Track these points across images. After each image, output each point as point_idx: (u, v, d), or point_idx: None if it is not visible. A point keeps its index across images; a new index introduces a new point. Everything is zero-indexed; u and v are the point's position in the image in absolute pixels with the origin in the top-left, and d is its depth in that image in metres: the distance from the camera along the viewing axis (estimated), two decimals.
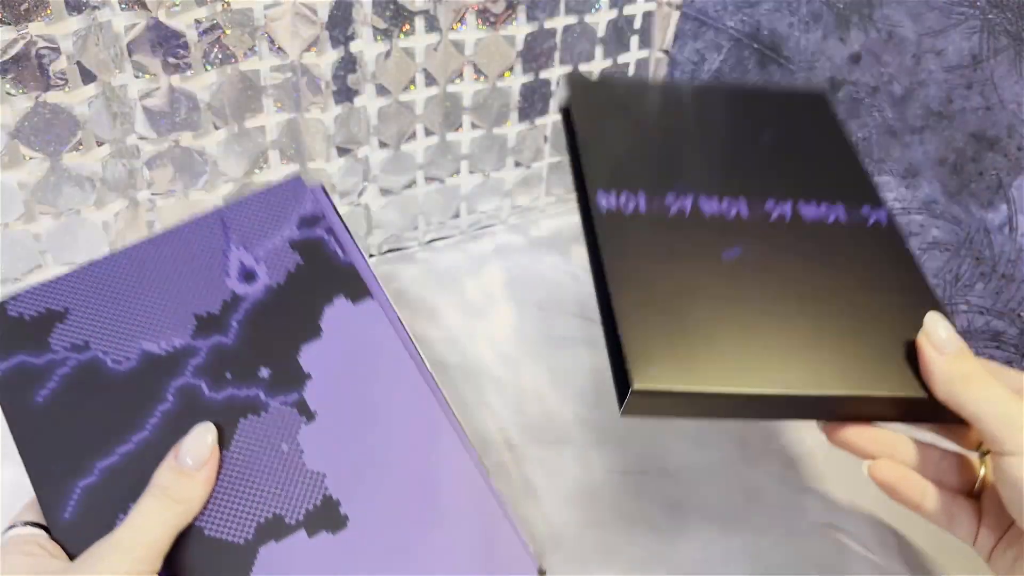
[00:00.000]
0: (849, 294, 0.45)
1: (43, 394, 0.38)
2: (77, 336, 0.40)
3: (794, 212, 0.49)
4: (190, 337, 0.40)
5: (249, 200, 0.44)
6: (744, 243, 0.46)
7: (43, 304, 0.40)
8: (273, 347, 0.40)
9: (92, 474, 0.37)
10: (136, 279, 0.41)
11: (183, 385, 0.39)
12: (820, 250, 0.47)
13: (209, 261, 0.42)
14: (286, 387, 0.39)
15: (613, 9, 0.77)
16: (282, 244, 0.43)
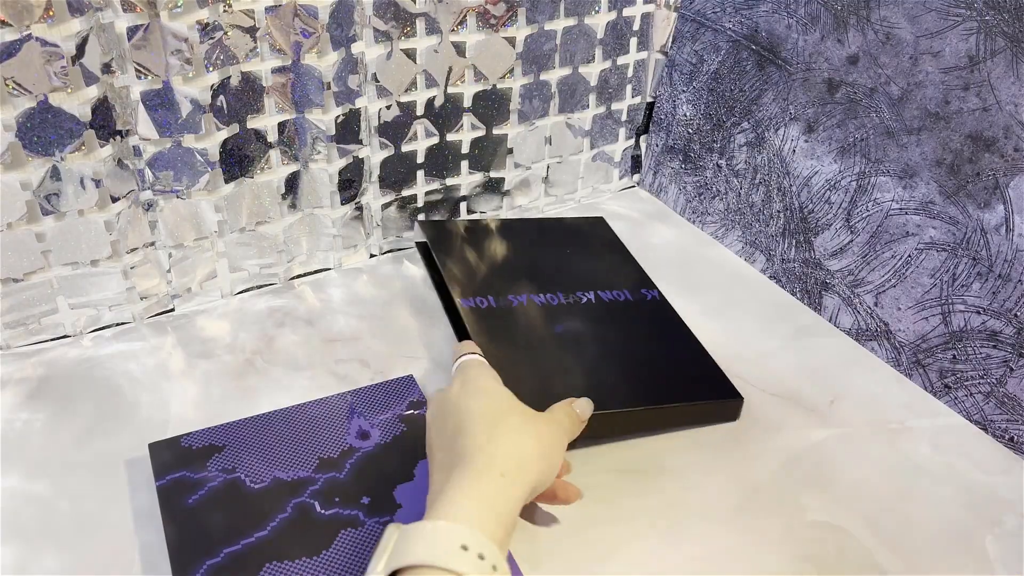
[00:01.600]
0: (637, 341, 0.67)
1: (193, 499, 0.51)
2: (228, 463, 0.53)
3: (596, 297, 0.71)
4: (312, 471, 0.53)
5: (372, 390, 0.61)
6: (566, 321, 0.68)
7: (208, 440, 0.55)
8: (375, 484, 0.53)
9: (218, 556, 0.47)
10: (281, 429, 0.56)
11: (301, 502, 0.51)
12: (616, 318, 0.69)
13: (336, 424, 0.57)
14: (381, 511, 0.51)
15: (612, 11, 0.77)
16: (393, 418, 0.58)
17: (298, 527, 0.49)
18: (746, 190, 0.79)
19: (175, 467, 0.52)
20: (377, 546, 0.40)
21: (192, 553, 0.48)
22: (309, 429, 0.56)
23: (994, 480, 0.59)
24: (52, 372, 0.63)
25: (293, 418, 0.57)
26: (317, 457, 0.54)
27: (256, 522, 0.49)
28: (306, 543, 0.49)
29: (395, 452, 0.55)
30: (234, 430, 0.55)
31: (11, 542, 0.51)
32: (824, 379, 0.67)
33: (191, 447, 0.54)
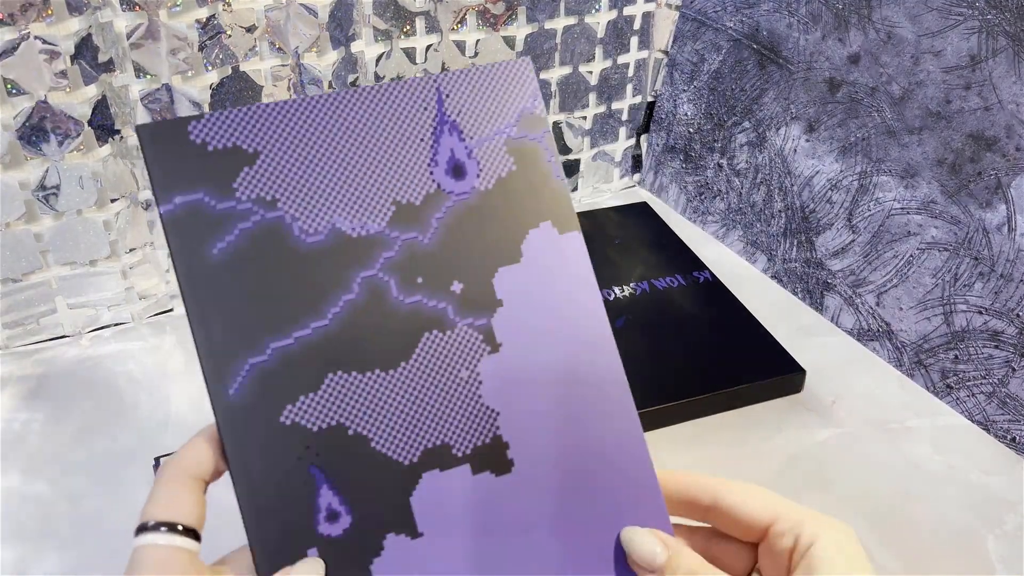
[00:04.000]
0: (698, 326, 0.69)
1: (220, 247, 0.33)
2: (265, 189, 0.34)
3: (651, 287, 0.73)
4: (386, 225, 0.36)
5: (470, 73, 0.38)
6: (625, 314, 0.69)
7: (232, 137, 0.34)
8: (470, 262, 0.36)
9: (264, 353, 0.33)
10: (337, 137, 0.36)
11: (372, 278, 0.35)
12: (673, 305, 0.71)
13: (419, 139, 0.37)
14: (476, 310, 0.36)
15: (613, 10, 0.77)
16: (499, 142, 0.38)
17: (369, 320, 0.35)
18: (747, 190, 0.79)
19: (188, 180, 0.34)
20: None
21: (227, 341, 0.33)
22: (378, 139, 0.36)
23: (996, 481, 0.59)
24: (51, 372, 0.63)
25: (354, 114, 0.36)
26: (392, 200, 0.36)
27: (313, 303, 0.34)
28: (380, 348, 0.35)
29: (498, 208, 0.37)
30: (269, 124, 0.35)
31: (10, 542, 0.51)
32: (825, 379, 0.67)
33: (207, 145, 0.34)
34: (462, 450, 0.35)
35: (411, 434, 0.34)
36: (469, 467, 0.35)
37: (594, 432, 0.36)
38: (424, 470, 0.34)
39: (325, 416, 0.34)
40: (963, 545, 0.54)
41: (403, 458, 0.34)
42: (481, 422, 0.35)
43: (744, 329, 0.69)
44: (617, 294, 0.72)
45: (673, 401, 0.61)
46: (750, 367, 0.65)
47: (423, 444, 0.34)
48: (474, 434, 0.35)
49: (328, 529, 0.33)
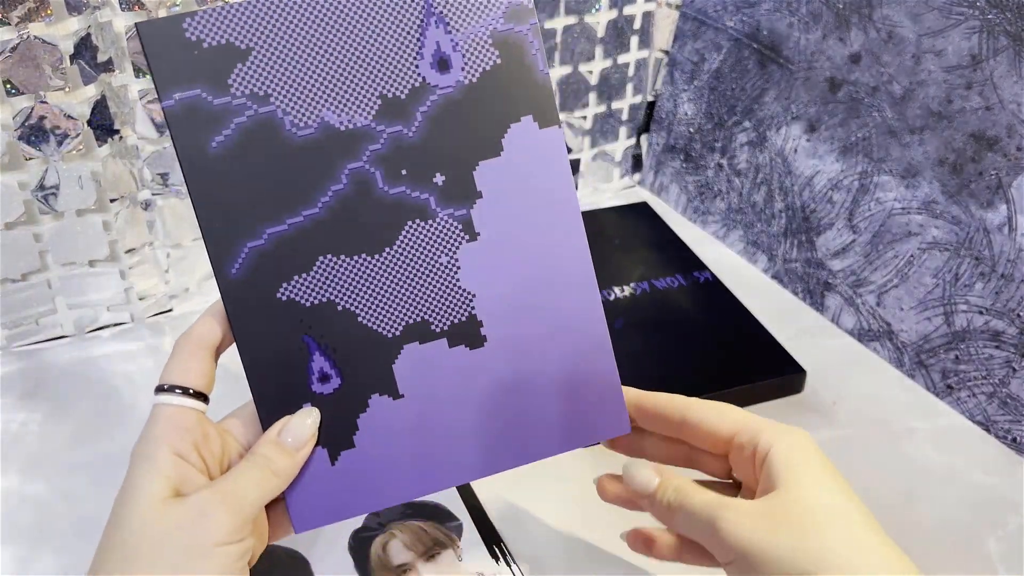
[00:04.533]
0: (698, 326, 0.69)
1: (218, 140, 0.36)
2: (258, 85, 0.37)
3: (651, 287, 0.72)
4: (372, 118, 0.38)
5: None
6: (624, 315, 0.68)
7: (225, 34, 0.36)
8: (452, 154, 0.39)
9: (260, 238, 0.37)
10: (326, 29, 0.37)
11: (359, 169, 0.38)
12: (673, 305, 0.71)
13: (406, 32, 0.38)
14: (457, 201, 0.39)
15: (613, 9, 0.77)
16: (484, 35, 0.39)
17: (356, 208, 0.38)
18: (748, 190, 0.79)
19: (186, 76, 0.36)
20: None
21: (227, 228, 0.37)
22: (366, 30, 0.38)
23: (997, 481, 0.59)
24: (50, 372, 0.63)
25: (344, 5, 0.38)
26: (379, 94, 0.38)
27: (304, 193, 0.37)
28: (365, 234, 0.38)
29: (481, 101, 0.39)
30: (260, 20, 0.37)
31: (8, 542, 0.51)
32: (826, 380, 0.67)
33: (202, 42, 0.36)
34: (440, 326, 0.39)
35: (394, 311, 0.39)
36: (446, 341, 0.39)
37: (561, 317, 0.40)
38: (405, 342, 0.39)
39: (316, 293, 0.38)
40: (964, 546, 0.54)
41: (387, 331, 0.38)
42: (458, 303, 0.39)
43: (745, 329, 0.69)
44: (617, 294, 0.72)
45: None
46: (751, 368, 0.65)
47: (405, 320, 0.39)
48: (451, 312, 0.39)
49: (320, 388, 0.38)
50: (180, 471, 0.35)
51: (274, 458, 0.37)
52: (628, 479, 0.41)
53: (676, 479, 0.39)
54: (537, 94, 0.40)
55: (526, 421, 0.40)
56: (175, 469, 0.35)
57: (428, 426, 0.39)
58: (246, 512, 0.35)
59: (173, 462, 0.35)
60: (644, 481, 0.40)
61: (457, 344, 0.39)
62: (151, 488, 0.35)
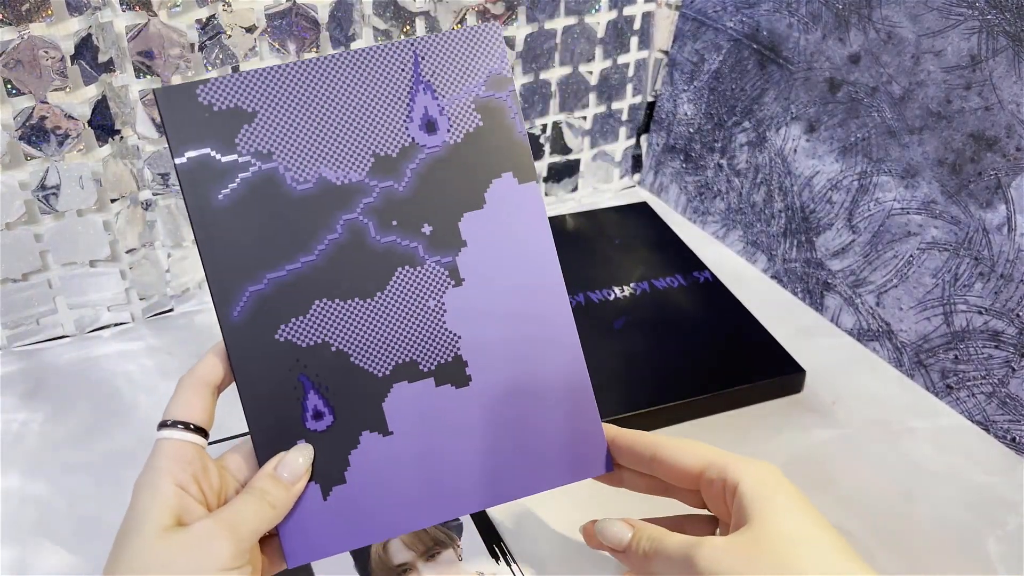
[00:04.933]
0: (697, 326, 0.69)
1: (224, 194, 0.40)
2: (262, 144, 0.40)
3: (651, 287, 0.72)
4: (366, 174, 0.41)
5: (444, 38, 0.43)
6: (624, 315, 0.68)
7: (234, 99, 0.40)
8: (439, 206, 0.42)
9: (261, 282, 0.40)
10: (324, 95, 0.41)
11: (353, 220, 0.41)
12: (673, 305, 0.71)
13: (396, 97, 0.42)
14: (443, 249, 0.42)
15: (613, 10, 0.77)
16: (468, 101, 0.43)
17: (350, 256, 0.41)
18: (747, 190, 0.79)
19: (197, 136, 0.40)
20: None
21: (230, 273, 0.40)
22: (361, 96, 0.42)
23: (996, 481, 0.59)
24: (50, 372, 0.63)
25: (340, 75, 0.42)
26: (372, 152, 0.42)
27: (302, 241, 0.40)
28: (359, 280, 0.41)
29: (467, 160, 0.43)
30: (265, 87, 0.41)
31: (9, 542, 0.51)
32: (825, 379, 0.67)
33: (212, 106, 0.40)
34: (427, 366, 0.41)
35: (384, 351, 0.41)
36: (433, 380, 0.41)
37: (544, 360, 0.43)
38: (395, 381, 0.41)
39: (312, 335, 0.40)
40: (963, 545, 0.54)
41: (377, 371, 0.41)
42: (444, 344, 0.42)
43: (744, 329, 0.69)
44: (617, 294, 0.72)
45: (674, 401, 0.61)
46: (751, 367, 0.65)
47: (394, 360, 0.41)
48: (438, 353, 0.42)
49: (314, 425, 0.40)
50: (181, 501, 0.37)
51: (271, 491, 0.38)
52: (602, 536, 0.42)
53: (648, 528, 0.41)
54: (516, 153, 0.43)
55: (510, 459, 0.42)
56: (177, 499, 0.37)
57: (416, 462, 0.41)
58: (245, 541, 0.37)
59: (175, 492, 0.37)
60: (617, 536, 0.41)
61: (443, 383, 0.41)
62: (156, 516, 0.36)
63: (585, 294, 0.71)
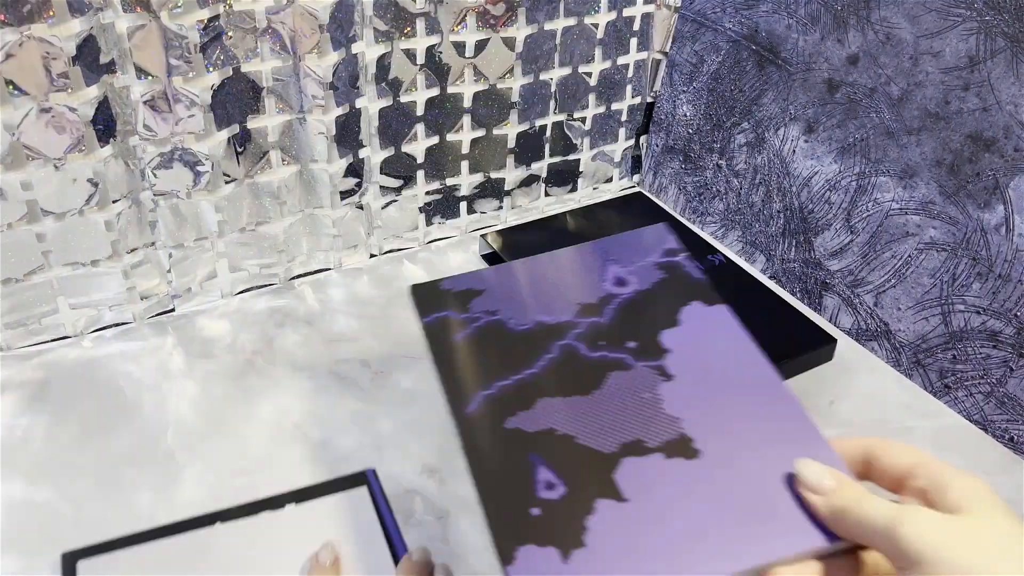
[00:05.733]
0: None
1: (461, 336, 0.49)
2: (490, 306, 0.51)
3: None
4: (573, 316, 0.50)
5: (625, 237, 0.55)
6: None
7: (467, 285, 0.52)
8: (639, 329, 0.50)
9: (491, 388, 0.47)
10: (538, 277, 0.53)
11: (565, 344, 0.49)
12: None
13: (592, 272, 0.54)
14: (649, 356, 0.48)
15: (612, 11, 0.77)
16: (649, 265, 0.54)
17: (566, 368, 0.48)
18: (746, 190, 0.79)
19: (439, 307, 0.51)
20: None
21: (465, 385, 0.47)
22: (564, 277, 0.54)
23: (994, 480, 0.59)
24: (52, 373, 0.63)
25: (546, 266, 0.54)
26: (576, 303, 0.51)
27: (524, 361, 0.48)
28: (575, 383, 0.47)
29: (657, 298, 0.52)
30: (491, 276, 0.53)
31: (11, 544, 0.51)
32: (824, 379, 0.67)
33: (451, 290, 0.52)
34: (654, 442, 0.44)
35: (608, 433, 0.45)
36: (663, 454, 0.44)
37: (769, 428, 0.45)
38: (623, 456, 0.44)
39: (537, 423, 0.45)
40: None
41: (604, 448, 0.44)
42: (666, 425, 0.45)
43: (771, 306, 0.71)
44: None
45: None
46: (786, 343, 0.67)
47: (619, 439, 0.44)
48: (662, 432, 0.45)
49: (547, 494, 0.42)
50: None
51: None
52: (801, 475, 0.41)
53: (851, 485, 0.39)
54: (699, 288, 0.52)
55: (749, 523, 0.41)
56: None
57: (655, 527, 0.41)
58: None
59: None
60: (815, 479, 0.40)
61: (674, 456, 0.44)
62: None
63: None
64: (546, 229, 0.81)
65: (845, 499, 0.39)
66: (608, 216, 0.83)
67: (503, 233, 0.79)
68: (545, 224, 0.82)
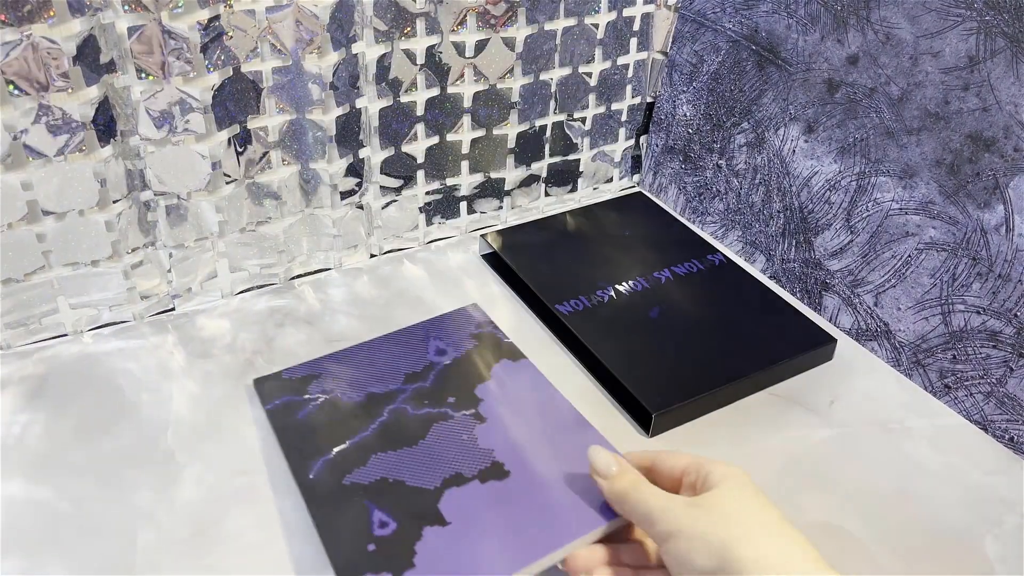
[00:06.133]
0: (726, 308, 0.71)
1: (301, 414, 0.59)
2: (326, 387, 0.61)
3: (673, 274, 0.75)
4: (401, 384, 0.61)
5: (442, 318, 0.68)
6: (657, 304, 0.71)
7: (305, 372, 0.62)
8: (458, 386, 0.61)
9: (330, 454, 0.55)
10: (368, 357, 0.64)
11: (395, 407, 0.59)
12: (698, 290, 0.73)
13: (416, 348, 0.65)
14: (466, 406, 0.59)
15: (612, 11, 0.77)
16: (465, 336, 0.66)
17: (395, 426, 0.58)
18: (746, 190, 0.79)
19: (280, 394, 0.60)
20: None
21: (306, 455, 0.56)
22: (392, 353, 0.64)
23: (994, 480, 0.59)
24: (52, 371, 0.63)
25: (376, 348, 0.65)
26: (403, 373, 0.62)
27: (358, 426, 0.57)
28: (403, 437, 0.57)
29: (471, 361, 0.63)
30: (327, 362, 0.63)
31: (13, 544, 0.51)
32: (824, 379, 0.67)
33: (291, 378, 0.62)
34: (471, 472, 0.54)
35: (433, 472, 0.54)
36: (478, 480, 0.53)
37: (562, 443, 0.56)
38: (446, 488, 0.53)
39: (371, 476, 0.54)
40: (962, 545, 0.55)
41: (429, 485, 0.53)
42: (481, 456, 0.55)
43: (770, 306, 0.72)
44: (644, 284, 0.73)
45: (720, 386, 0.63)
46: (786, 342, 0.67)
47: (442, 475, 0.54)
48: (478, 463, 0.55)
49: (380, 532, 0.50)
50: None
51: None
52: (592, 460, 0.50)
53: (631, 473, 0.48)
54: (506, 348, 0.65)
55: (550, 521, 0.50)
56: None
57: (473, 541, 0.49)
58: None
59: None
60: (604, 465, 0.49)
61: (488, 480, 0.53)
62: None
63: (614, 287, 0.73)
64: (546, 229, 0.81)
65: (624, 482, 0.47)
66: (608, 216, 0.83)
67: (503, 233, 0.79)
68: (545, 224, 0.82)
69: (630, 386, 0.62)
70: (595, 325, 0.68)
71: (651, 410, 0.60)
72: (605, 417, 0.63)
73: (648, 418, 0.61)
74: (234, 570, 0.50)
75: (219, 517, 0.54)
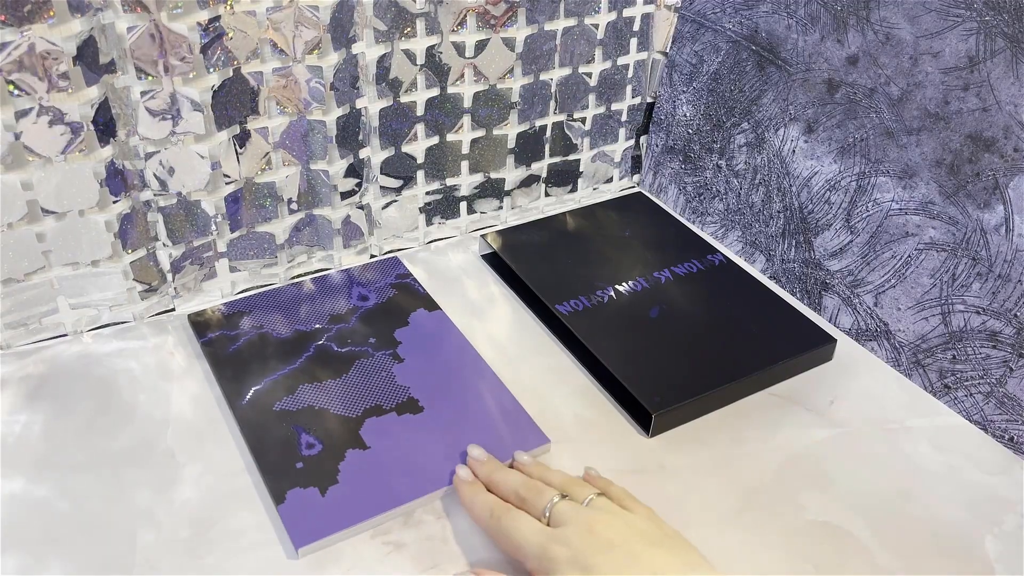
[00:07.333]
0: (725, 308, 0.72)
1: (233, 348, 0.65)
2: (255, 323, 0.67)
3: (672, 274, 0.75)
4: (326, 324, 0.68)
5: (365, 267, 0.74)
6: (656, 304, 0.72)
7: (236, 308, 0.69)
8: (378, 329, 0.68)
9: (261, 383, 0.62)
10: (296, 299, 0.70)
11: (320, 344, 0.66)
12: (698, 290, 0.74)
13: (340, 292, 0.71)
14: (386, 347, 0.66)
15: (612, 11, 0.77)
16: (385, 285, 0.73)
17: (321, 361, 0.64)
18: (746, 190, 0.79)
19: (213, 328, 0.66)
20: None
21: (239, 384, 0.61)
22: (318, 296, 0.70)
23: (994, 480, 0.59)
24: (52, 371, 0.63)
25: (303, 290, 0.71)
26: (328, 314, 0.68)
27: (287, 360, 0.64)
28: (329, 371, 0.63)
29: (391, 308, 0.70)
30: (256, 300, 0.69)
31: (13, 544, 0.51)
32: (824, 379, 0.67)
33: (223, 314, 0.68)
34: (389, 405, 0.61)
35: (355, 403, 0.61)
36: (395, 413, 0.61)
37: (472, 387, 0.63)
38: (366, 417, 0.60)
39: (299, 403, 0.60)
40: (961, 544, 0.55)
41: (351, 414, 0.60)
42: (399, 392, 0.62)
43: (769, 306, 0.72)
44: (643, 283, 0.73)
45: (720, 386, 0.63)
46: (786, 342, 0.67)
47: (363, 406, 0.61)
48: (395, 398, 0.62)
49: (308, 452, 0.57)
50: None
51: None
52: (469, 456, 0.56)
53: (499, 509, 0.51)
54: (423, 299, 0.71)
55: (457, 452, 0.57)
56: None
57: (391, 465, 0.56)
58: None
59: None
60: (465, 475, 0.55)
61: (404, 413, 0.60)
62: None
63: (614, 287, 0.73)
64: (546, 229, 0.81)
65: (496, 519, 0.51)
66: (608, 216, 0.83)
67: (503, 233, 0.79)
68: (545, 224, 0.82)
69: (630, 386, 0.62)
70: (595, 325, 0.68)
71: (651, 410, 0.60)
72: (605, 417, 0.63)
73: (648, 418, 0.61)
74: (234, 570, 0.50)
75: (219, 517, 0.54)
